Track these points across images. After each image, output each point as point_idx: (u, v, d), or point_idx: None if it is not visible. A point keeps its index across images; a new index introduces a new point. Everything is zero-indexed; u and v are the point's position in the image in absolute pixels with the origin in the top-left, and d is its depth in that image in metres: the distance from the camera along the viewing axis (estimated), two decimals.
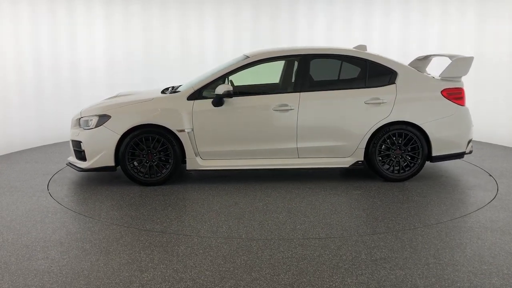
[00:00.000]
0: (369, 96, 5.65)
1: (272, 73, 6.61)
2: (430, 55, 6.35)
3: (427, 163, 5.95)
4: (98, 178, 6.12)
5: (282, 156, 5.73)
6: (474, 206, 4.96)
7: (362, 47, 6.08)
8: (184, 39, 9.50)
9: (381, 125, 5.63)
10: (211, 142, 5.67)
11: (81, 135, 5.74)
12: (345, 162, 5.73)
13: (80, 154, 5.78)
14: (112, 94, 8.45)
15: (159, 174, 5.67)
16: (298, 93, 5.66)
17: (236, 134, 5.67)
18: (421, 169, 5.75)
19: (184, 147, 5.63)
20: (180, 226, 4.44)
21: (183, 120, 5.60)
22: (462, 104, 5.76)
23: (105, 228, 4.40)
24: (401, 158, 5.70)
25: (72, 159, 5.97)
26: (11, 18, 7.95)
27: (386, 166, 5.73)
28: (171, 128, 5.58)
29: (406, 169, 5.72)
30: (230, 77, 6.02)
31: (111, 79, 9.24)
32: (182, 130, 5.59)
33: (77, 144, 5.81)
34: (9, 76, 8.00)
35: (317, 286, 3.29)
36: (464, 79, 5.87)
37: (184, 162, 5.70)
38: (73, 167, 5.89)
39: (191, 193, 5.47)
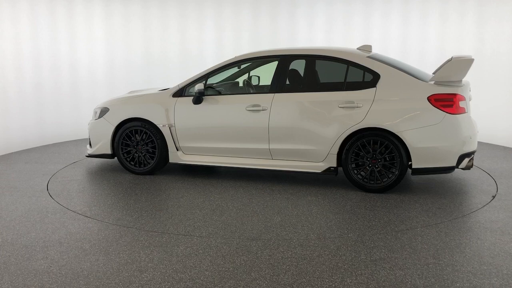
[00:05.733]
0: (344, 100, 5.31)
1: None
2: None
3: None
4: (97, 177, 6.14)
5: (256, 156, 5.76)
6: (474, 206, 4.96)
7: (367, 47, 5.81)
8: (184, 39, 9.50)
9: (353, 130, 5.25)
10: (190, 138, 5.95)
11: (90, 125, 6.52)
12: (317, 167, 5.49)
13: (89, 141, 6.56)
14: (112, 94, 8.49)
15: (147, 165, 6.12)
16: (273, 94, 5.64)
17: (212, 131, 5.85)
18: (400, 180, 5.25)
19: (166, 141, 6.01)
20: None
21: (166, 115, 5.97)
22: (453, 112, 5.06)
23: (104, 228, 4.41)
24: (376, 168, 5.27)
25: (88, 145, 6.70)
26: (11, 18, 7.95)
27: (362, 175, 5.35)
28: (155, 123, 6.01)
29: (383, 180, 5.29)
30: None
31: (111, 79, 9.25)
32: (165, 125, 5.96)
33: (88, 132, 6.57)
34: (9, 76, 8.00)
35: (316, 286, 3.29)
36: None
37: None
38: (86, 152, 6.63)
39: (162, 185, 5.55)
